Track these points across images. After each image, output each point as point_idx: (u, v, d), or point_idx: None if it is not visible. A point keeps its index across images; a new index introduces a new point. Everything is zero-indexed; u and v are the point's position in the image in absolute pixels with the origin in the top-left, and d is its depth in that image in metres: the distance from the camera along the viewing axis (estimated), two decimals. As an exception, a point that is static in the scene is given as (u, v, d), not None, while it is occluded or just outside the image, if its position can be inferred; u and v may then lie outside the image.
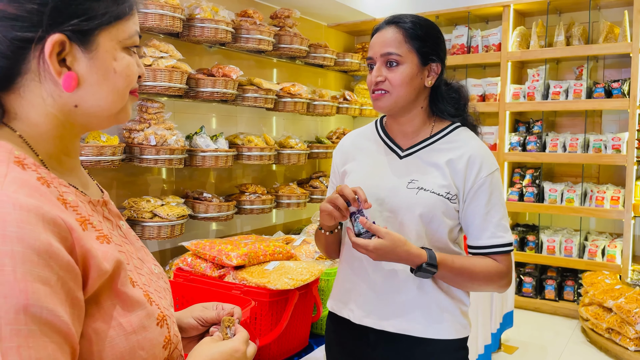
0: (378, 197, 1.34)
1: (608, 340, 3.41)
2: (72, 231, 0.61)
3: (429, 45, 1.34)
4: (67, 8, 0.65)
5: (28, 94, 0.68)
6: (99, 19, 0.68)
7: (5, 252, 0.54)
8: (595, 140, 3.99)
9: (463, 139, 1.36)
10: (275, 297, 1.54)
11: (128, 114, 0.76)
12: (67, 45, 0.66)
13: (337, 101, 4.14)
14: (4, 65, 0.65)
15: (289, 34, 3.56)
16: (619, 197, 3.91)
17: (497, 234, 1.31)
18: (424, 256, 1.24)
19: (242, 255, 1.63)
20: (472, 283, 1.32)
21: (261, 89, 3.32)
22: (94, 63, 0.68)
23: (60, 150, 0.72)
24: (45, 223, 0.58)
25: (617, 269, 3.84)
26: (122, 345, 0.66)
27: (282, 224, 4.15)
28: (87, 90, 0.69)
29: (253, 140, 3.37)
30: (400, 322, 1.32)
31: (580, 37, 4.03)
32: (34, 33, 0.64)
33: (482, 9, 4.25)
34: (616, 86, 3.88)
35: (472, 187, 1.31)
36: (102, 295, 0.65)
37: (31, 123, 0.69)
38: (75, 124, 0.72)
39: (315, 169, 4.45)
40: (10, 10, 0.63)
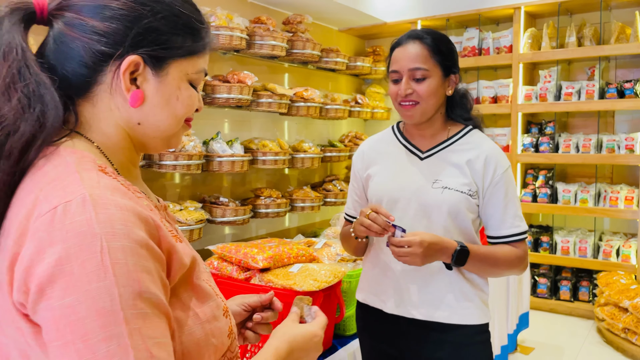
0: (405, 197, 1.46)
1: (624, 340, 3.40)
2: (159, 229, 0.67)
3: (450, 59, 1.47)
4: (149, 35, 0.73)
5: (99, 103, 0.74)
6: (174, 50, 0.75)
7: (117, 248, 0.60)
8: (609, 141, 3.99)
9: (477, 141, 1.49)
10: (301, 298, 1.57)
11: (179, 140, 0.82)
12: (141, 67, 0.73)
13: (349, 105, 4.17)
14: (84, 74, 0.72)
15: (301, 39, 3.61)
16: (632, 196, 3.90)
17: (515, 224, 1.45)
18: (455, 243, 1.38)
19: (268, 258, 1.67)
20: (496, 269, 1.45)
21: (275, 94, 3.36)
22: (160, 87, 0.75)
23: (129, 160, 0.79)
24: (140, 221, 0.64)
25: (632, 269, 3.83)
26: (198, 333, 0.72)
27: (296, 227, 4.19)
28: (150, 109, 0.75)
29: (267, 144, 3.41)
30: (429, 310, 1.45)
31: (592, 37, 4.04)
32: (115, 50, 0.71)
33: (492, 11, 4.27)
34: (629, 86, 3.88)
35: (491, 183, 1.44)
36: (180, 288, 0.71)
37: (104, 134, 0.75)
38: (137, 142, 0.78)
39: (327, 172, 4.49)
40: (101, 27, 0.71)
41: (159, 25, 0.73)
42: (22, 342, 0.63)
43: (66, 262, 0.58)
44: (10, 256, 0.62)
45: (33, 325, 0.61)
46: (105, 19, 0.71)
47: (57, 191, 0.63)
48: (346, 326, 1.91)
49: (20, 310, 0.62)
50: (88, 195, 0.62)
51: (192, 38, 0.77)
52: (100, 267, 0.58)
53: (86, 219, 0.60)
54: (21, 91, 0.67)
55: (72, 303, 0.57)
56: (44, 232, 0.60)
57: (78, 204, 0.61)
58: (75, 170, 0.66)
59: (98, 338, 0.57)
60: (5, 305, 0.64)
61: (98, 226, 0.60)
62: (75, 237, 0.59)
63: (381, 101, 4.82)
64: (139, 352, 0.58)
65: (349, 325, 1.91)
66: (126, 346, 0.57)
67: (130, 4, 0.72)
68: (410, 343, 1.49)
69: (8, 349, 0.66)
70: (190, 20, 0.77)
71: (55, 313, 0.58)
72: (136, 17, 0.72)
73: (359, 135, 4.42)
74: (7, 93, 0.67)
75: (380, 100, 4.80)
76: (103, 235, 0.59)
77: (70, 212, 0.60)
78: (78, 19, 0.71)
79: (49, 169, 0.67)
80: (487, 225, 1.50)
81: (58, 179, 0.65)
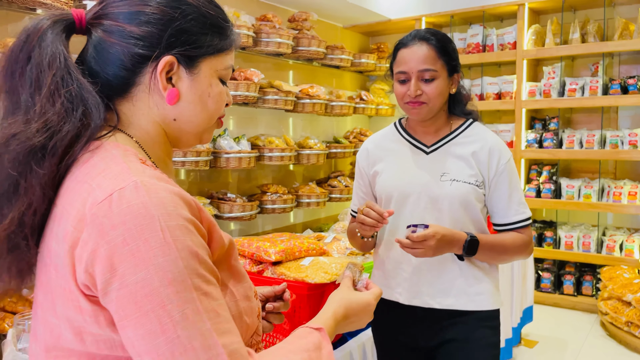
0: (415, 192, 1.51)
1: (627, 333, 3.44)
2: (201, 211, 0.73)
3: (455, 59, 1.52)
4: (181, 36, 0.78)
5: (138, 103, 0.80)
6: (204, 48, 0.80)
7: (174, 226, 0.66)
8: (612, 136, 4.02)
9: (480, 133, 1.55)
10: (313, 290, 1.62)
11: (211, 135, 0.87)
12: (175, 66, 0.79)
13: (353, 101, 4.20)
14: (124, 76, 0.78)
15: (306, 36, 3.64)
16: (636, 192, 3.93)
17: (520, 211, 1.52)
18: (464, 234, 1.44)
19: (280, 252, 1.71)
20: (505, 255, 1.52)
21: (281, 91, 3.40)
22: (193, 84, 0.80)
23: (165, 154, 0.84)
24: (186, 203, 0.70)
25: (636, 264, 3.87)
26: (234, 310, 0.77)
27: (302, 223, 4.23)
28: (185, 106, 0.81)
29: (274, 141, 3.44)
30: (445, 299, 1.51)
31: (596, 34, 4.06)
32: (152, 52, 0.77)
33: (496, 8, 4.29)
34: (632, 82, 3.91)
35: (496, 173, 1.50)
36: (219, 267, 0.76)
37: (142, 130, 0.81)
38: (172, 137, 0.84)
39: (332, 169, 4.52)
40: (137, 32, 0.77)
41: (189, 26, 0.79)
42: (79, 320, 0.68)
43: (131, 241, 0.64)
44: (71, 241, 0.67)
45: (94, 305, 0.67)
46: (141, 24, 0.77)
47: (109, 180, 0.68)
48: (355, 318, 1.94)
49: (82, 291, 0.67)
50: (139, 182, 0.67)
51: (220, 36, 0.82)
52: (164, 244, 0.64)
53: (142, 202, 0.66)
54: (64, 96, 0.72)
55: (145, 277, 0.63)
56: (104, 217, 0.65)
57: (131, 189, 0.66)
58: (122, 161, 0.71)
59: (173, 304, 0.63)
60: (64, 286, 0.69)
61: (153, 208, 0.65)
62: (134, 219, 0.64)
63: (385, 98, 4.85)
64: (208, 313, 0.65)
65: (358, 317, 1.95)
66: (198, 309, 0.64)
67: (163, 8, 0.77)
68: (425, 331, 1.54)
69: (59, 330, 0.71)
70: (217, 20, 0.82)
71: (130, 289, 0.63)
72: (169, 20, 0.77)
73: (363, 132, 4.46)
74: (51, 99, 0.72)
75: (384, 97, 4.83)
76: (159, 216, 0.65)
77: (126, 197, 0.66)
78: (116, 25, 0.77)
79: (96, 161, 0.72)
80: (493, 214, 1.55)
81: (107, 169, 0.70)
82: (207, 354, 0.63)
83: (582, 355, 3.33)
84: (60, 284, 0.69)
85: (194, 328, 0.64)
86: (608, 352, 3.40)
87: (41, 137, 0.70)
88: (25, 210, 0.70)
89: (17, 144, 0.70)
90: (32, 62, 0.73)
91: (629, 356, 3.33)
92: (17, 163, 0.70)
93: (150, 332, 0.63)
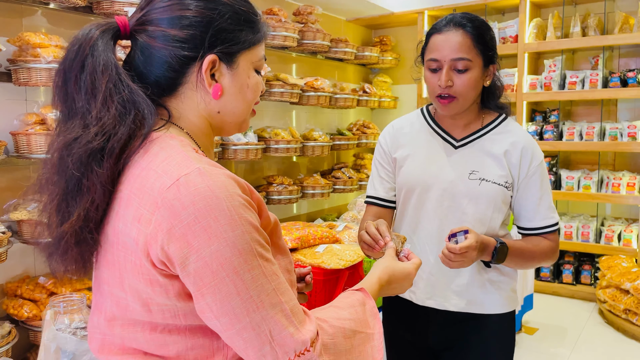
0: (439, 187, 1.42)
1: (625, 320, 3.53)
2: (252, 192, 0.81)
3: (491, 48, 1.40)
4: (220, 35, 0.84)
5: (186, 99, 0.87)
6: (241, 44, 0.86)
7: (237, 205, 0.74)
8: (612, 129, 4.09)
9: (512, 130, 1.45)
10: (329, 275, 1.69)
11: (248, 124, 0.94)
12: (217, 64, 0.85)
13: (357, 94, 4.26)
14: (172, 77, 0.85)
15: (311, 30, 3.69)
16: (634, 183, 4.01)
17: (548, 216, 1.44)
18: (493, 241, 1.34)
19: (296, 239, 1.78)
20: (532, 262, 1.45)
21: (287, 84, 3.45)
22: (234, 79, 0.87)
23: (210, 143, 0.92)
24: (240, 186, 0.78)
25: (634, 253, 3.95)
26: None
27: (305, 214, 4.30)
28: (227, 99, 0.88)
29: (280, 133, 3.50)
30: (460, 301, 1.44)
31: (596, 27, 4.11)
32: (197, 53, 0.83)
33: (498, 2, 4.34)
34: (631, 75, 3.97)
35: (527, 175, 1.42)
36: None
37: (191, 122, 0.88)
38: (215, 127, 0.91)
39: (336, 160, 4.59)
40: (181, 35, 0.82)
41: (226, 25, 0.84)
42: (149, 292, 0.76)
43: (202, 219, 0.71)
44: (144, 222, 0.74)
45: (165, 278, 0.75)
46: (183, 27, 0.82)
47: (173, 167, 0.75)
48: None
49: (157, 266, 0.74)
50: (202, 168, 0.75)
51: (252, 30, 0.88)
52: (231, 220, 0.72)
53: (207, 185, 0.73)
54: (117, 101, 0.79)
55: (218, 248, 0.71)
56: (175, 200, 0.72)
57: (196, 175, 0.74)
58: (182, 150, 0.78)
59: (244, 269, 0.72)
60: (135, 262, 0.76)
61: (218, 190, 0.73)
62: (202, 200, 0.72)
63: (388, 90, 4.90)
64: (271, 276, 0.75)
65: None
66: (264, 272, 0.74)
67: (202, 11, 0.83)
68: (437, 332, 1.49)
69: (126, 302, 0.79)
70: (248, 15, 0.88)
71: (206, 260, 0.71)
72: (208, 21, 0.83)
73: (366, 124, 4.52)
74: (106, 104, 0.78)
75: (387, 90, 4.89)
76: (224, 197, 0.73)
77: (192, 181, 0.73)
78: (160, 30, 0.83)
79: (157, 151, 0.79)
80: (519, 217, 1.47)
81: (170, 157, 0.77)
82: (274, 309, 0.74)
83: (580, 342, 3.42)
84: (130, 259, 0.77)
85: (261, 288, 0.73)
86: (606, 339, 3.49)
87: (100, 140, 0.77)
88: (89, 206, 0.77)
89: (79, 147, 0.77)
90: (86, 71, 0.79)
91: (627, 343, 3.42)
92: (79, 164, 0.77)
93: (228, 294, 0.72)
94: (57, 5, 2.34)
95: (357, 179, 4.16)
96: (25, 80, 2.12)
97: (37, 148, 2.09)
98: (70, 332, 1.31)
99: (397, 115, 5.04)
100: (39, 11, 2.42)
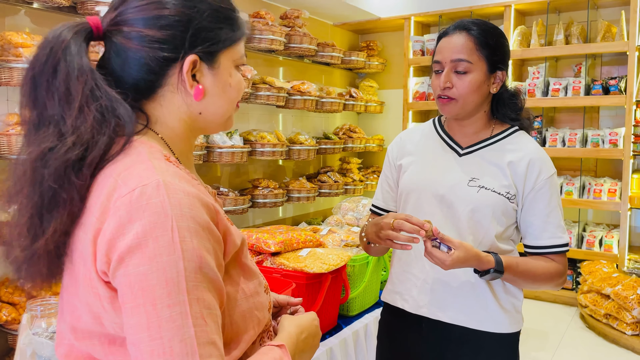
0: (438, 193, 1.39)
1: (606, 325, 3.57)
2: (218, 213, 0.76)
3: (498, 54, 1.36)
4: (200, 34, 0.80)
5: (166, 102, 0.83)
6: (221, 43, 0.82)
7: (185, 227, 0.69)
8: (593, 135, 4.15)
9: (522, 142, 1.40)
10: (312, 279, 1.68)
11: (232, 121, 0.90)
12: (198, 64, 0.81)
13: (343, 98, 4.27)
14: (151, 79, 0.80)
15: (298, 33, 3.69)
16: (615, 189, 4.06)
17: (556, 235, 1.35)
18: (492, 262, 1.27)
19: (279, 243, 1.77)
20: (534, 284, 1.36)
21: (273, 87, 3.45)
22: (216, 78, 0.83)
23: (188, 149, 0.88)
24: (203, 206, 0.73)
25: (614, 259, 4.00)
26: (244, 306, 0.81)
27: (291, 217, 4.29)
28: (209, 100, 0.84)
29: (266, 136, 3.50)
30: (456, 313, 1.37)
31: (579, 35, 4.18)
32: (176, 54, 0.79)
33: (484, 9, 4.39)
34: (613, 83, 4.03)
35: (533, 189, 1.35)
36: (230, 266, 0.80)
37: (169, 127, 0.84)
38: (197, 128, 0.87)
39: (321, 164, 4.59)
40: (159, 36, 0.78)
41: (206, 23, 0.80)
42: (98, 305, 0.72)
43: (143, 236, 0.67)
44: (94, 231, 0.71)
45: (111, 291, 0.71)
46: (162, 27, 0.78)
47: (134, 176, 0.72)
48: (350, 307, 2.03)
49: (102, 278, 0.71)
50: (162, 181, 0.70)
51: (232, 28, 0.84)
52: (171, 243, 0.67)
53: (160, 201, 0.69)
54: (95, 109, 0.74)
55: (145, 271, 0.66)
56: (124, 211, 0.69)
57: (153, 187, 0.70)
58: (148, 159, 0.75)
59: (164, 304, 0.66)
60: (86, 274, 0.73)
61: (170, 208, 0.69)
62: (151, 216, 0.68)
63: (374, 95, 4.92)
64: (195, 319, 0.67)
65: (353, 306, 2.03)
66: (186, 313, 0.67)
67: (180, 10, 0.78)
68: (431, 346, 1.41)
69: (80, 312, 0.75)
70: (228, 12, 0.84)
71: (130, 279, 0.67)
72: (188, 20, 0.79)
73: (352, 128, 4.53)
74: (82, 113, 0.74)
75: (373, 94, 4.91)
76: (174, 216, 0.68)
77: (147, 194, 0.69)
78: (136, 31, 0.78)
79: (122, 158, 0.75)
80: (525, 233, 1.39)
81: (133, 165, 0.74)
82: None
83: (562, 346, 3.46)
84: (82, 270, 0.73)
85: (177, 332, 0.66)
86: (587, 343, 3.53)
87: (77, 150, 0.72)
88: (66, 220, 0.73)
89: (55, 158, 0.72)
90: (59, 76, 0.74)
91: (607, 347, 3.46)
92: (56, 176, 0.72)
93: (138, 324, 0.66)
94: (41, 4, 2.32)
95: (342, 183, 4.17)
96: (6, 80, 2.09)
97: (18, 149, 2.06)
98: (47, 337, 1.29)
99: (383, 119, 5.08)
100: (22, 10, 2.40)
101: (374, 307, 2.29)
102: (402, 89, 4.80)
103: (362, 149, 4.50)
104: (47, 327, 1.35)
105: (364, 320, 2.11)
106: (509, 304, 1.38)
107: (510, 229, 1.40)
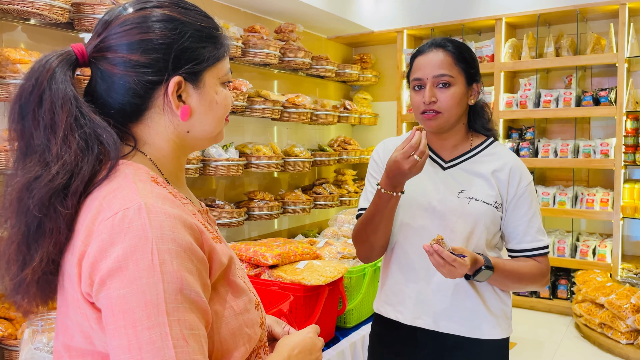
0: (429, 206, 1.43)
1: (600, 334, 3.59)
2: (202, 233, 0.77)
3: (474, 68, 1.45)
4: (184, 55, 0.81)
5: (153, 124, 0.84)
6: (205, 62, 0.84)
7: (165, 250, 0.70)
8: (585, 146, 4.20)
9: (501, 152, 1.48)
10: (309, 292, 1.70)
11: (222, 135, 0.91)
12: (183, 85, 0.82)
13: (338, 110, 4.31)
14: (137, 102, 0.81)
15: (293, 47, 3.73)
16: (608, 199, 4.11)
17: (537, 238, 1.43)
18: (482, 260, 1.33)
19: (277, 256, 1.79)
20: (520, 284, 1.42)
21: (269, 101, 3.48)
22: (202, 97, 0.84)
23: (177, 168, 0.88)
24: (186, 227, 0.73)
25: (608, 268, 4.04)
26: (233, 323, 0.81)
27: (286, 230, 4.30)
28: (196, 119, 0.85)
29: (261, 149, 3.52)
30: (450, 323, 1.40)
31: (569, 48, 4.24)
32: (161, 77, 0.80)
33: (475, 22, 4.45)
34: (604, 94, 4.10)
35: (515, 195, 1.42)
36: (218, 284, 0.80)
37: (157, 147, 0.84)
38: (186, 146, 0.88)
39: (317, 176, 4.61)
40: (143, 60, 0.79)
41: (189, 44, 0.81)
42: (87, 325, 0.73)
43: (123, 260, 0.68)
44: (79, 253, 0.72)
45: (97, 312, 0.72)
46: (145, 51, 0.79)
47: (118, 199, 0.73)
48: (347, 319, 2.04)
49: (87, 299, 0.72)
50: (143, 204, 0.71)
51: (215, 46, 0.85)
52: (151, 266, 0.68)
53: (141, 224, 0.70)
54: (79, 137, 0.75)
55: (126, 294, 0.67)
56: (106, 234, 0.70)
57: (135, 211, 0.71)
58: (132, 182, 0.75)
59: (144, 326, 0.66)
60: (74, 295, 0.74)
61: (150, 231, 0.69)
62: (131, 239, 0.69)
63: (368, 107, 4.97)
64: (176, 340, 0.67)
65: (350, 317, 2.05)
66: (166, 335, 0.67)
67: (162, 33, 0.80)
68: (427, 356, 1.44)
69: (72, 332, 0.77)
70: (210, 30, 0.85)
71: (111, 301, 0.68)
72: (170, 43, 0.80)
73: (347, 140, 4.56)
74: (67, 141, 0.75)
75: (367, 106, 4.95)
76: (154, 239, 0.69)
77: (128, 217, 0.70)
78: (120, 57, 0.79)
79: (107, 182, 0.76)
80: (508, 238, 1.46)
81: (119, 188, 0.74)
82: None
83: (557, 356, 3.47)
84: (70, 292, 0.75)
85: (157, 353, 0.66)
86: (582, 352, 3.54)
87: (62, 178, 0.73)
88: (52, 249, 0.74)
89: (40, 188, 0.73)
90: (44, 106, 0.75)
91: (602, 356, 3.48)
92: (41, 205, 0.73)
93: (119, 346, 0.67)
94: (38, 21, 2.34)
95: (338, 194, 4.19)
96: (4, 96, 2.10)
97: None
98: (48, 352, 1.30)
99: (377, 131, 5.12)
100: (19, 27, 2.42)
101: (371, 318, 2.26)
102: (395, 101, 4.84)
103: (356, 160, 4.53)
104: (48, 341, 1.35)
105: (361, 331, 2.12)
106: (499, 310, 1.43)
107: (497, 237, 1.46)
